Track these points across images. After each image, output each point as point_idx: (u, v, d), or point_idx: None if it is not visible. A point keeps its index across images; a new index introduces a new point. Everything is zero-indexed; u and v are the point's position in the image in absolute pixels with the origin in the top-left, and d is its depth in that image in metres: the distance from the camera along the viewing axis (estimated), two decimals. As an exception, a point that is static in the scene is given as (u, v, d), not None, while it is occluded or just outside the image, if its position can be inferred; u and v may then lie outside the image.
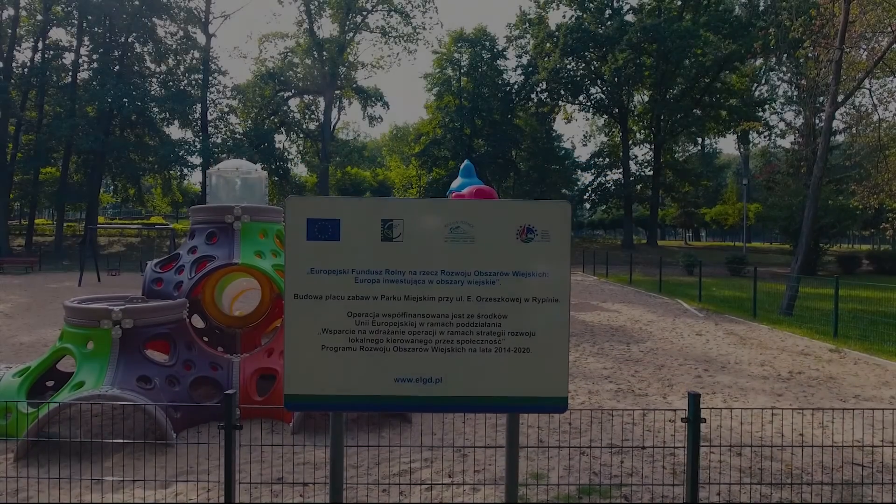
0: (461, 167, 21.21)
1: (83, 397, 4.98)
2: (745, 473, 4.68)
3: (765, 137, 44.45)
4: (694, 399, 2.71)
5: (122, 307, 5.56)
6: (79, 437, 5.46)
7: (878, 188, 17.48)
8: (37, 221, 41.20)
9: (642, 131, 48.78)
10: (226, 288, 9.36)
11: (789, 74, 39.32)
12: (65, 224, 38.47)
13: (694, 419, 2.68)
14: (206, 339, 8.52)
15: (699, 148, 62.13)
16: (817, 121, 31.43)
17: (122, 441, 5.23)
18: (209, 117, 40.36)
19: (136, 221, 56.24)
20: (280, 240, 7.79)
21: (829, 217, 26.17)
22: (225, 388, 6.15)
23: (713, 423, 6.03)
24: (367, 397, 2.33)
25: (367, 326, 2.33)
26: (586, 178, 56.35)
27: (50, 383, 6.62)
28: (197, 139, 38.38)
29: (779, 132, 43.45)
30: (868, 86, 15.79)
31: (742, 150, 58.29)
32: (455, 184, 20.48)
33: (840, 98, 14.22)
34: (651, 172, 46.87)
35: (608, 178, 50.98)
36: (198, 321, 8.71)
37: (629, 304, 15.81)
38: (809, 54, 16.76)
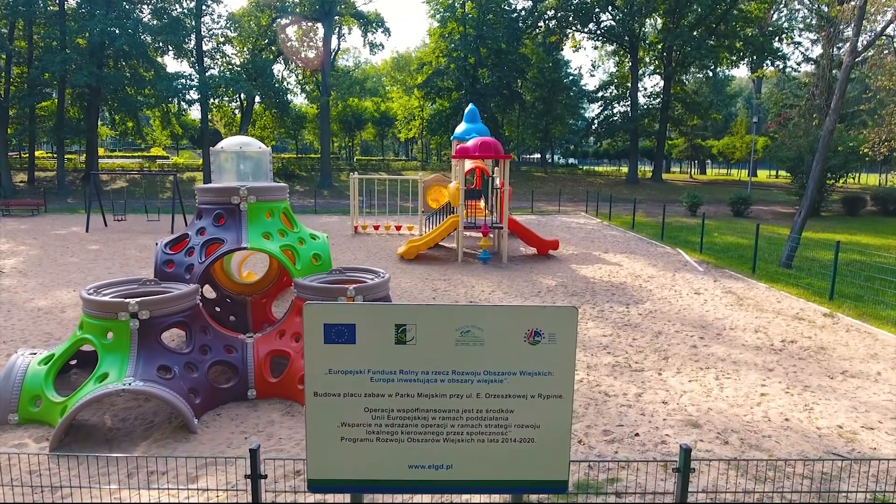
0: (465, 112, 20.73)
1: (110, 392, 5.26)
2: (732, 466, 5.01)
3: (779, 70, 42.84)
4: (685, 454, 2.92)
5: (139, 300, 5.74)
6: (108, 422, 5.82)
7: (892, 134, 17.15)
8: (36, 154, 40.83)
9: (654, 61, 47.03)
10: (234, 254, 9.55)
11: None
12: (65, 157, 38.13)
13: (684, 470, 2.91)
14: (217, 308, 8.82)
15: (710, 75, 60.14)
16: (835, 50, 30.24)
17: (149, 432, 5.58)
18: (204, 47, 38.96)
19: (136, 153, 55.71)
20: (286, 217, 7.86)
21: (837, 159, 25.80)
22: (240, 371, 6.45)
23: (704, 405, 6.35)
24: (383, 481, 2.55)
25: (383, 420, 2.51)
26: (593, 109, 55.03)
27: (73, 361, 6.95)
28: (194, 71, 37.28)
29: (794, 65, 41.85)
30: (891, 32, 15.12)
31: (754, 85, 56.36)
32: (459, 129, 20.13)
33: (860, 47, 13.70)
34: (659, 105, 45.63)
35: (615, 110, 49.69)
36: (209, 291, 8.97)
37: (630, 256, 15.99)
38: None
